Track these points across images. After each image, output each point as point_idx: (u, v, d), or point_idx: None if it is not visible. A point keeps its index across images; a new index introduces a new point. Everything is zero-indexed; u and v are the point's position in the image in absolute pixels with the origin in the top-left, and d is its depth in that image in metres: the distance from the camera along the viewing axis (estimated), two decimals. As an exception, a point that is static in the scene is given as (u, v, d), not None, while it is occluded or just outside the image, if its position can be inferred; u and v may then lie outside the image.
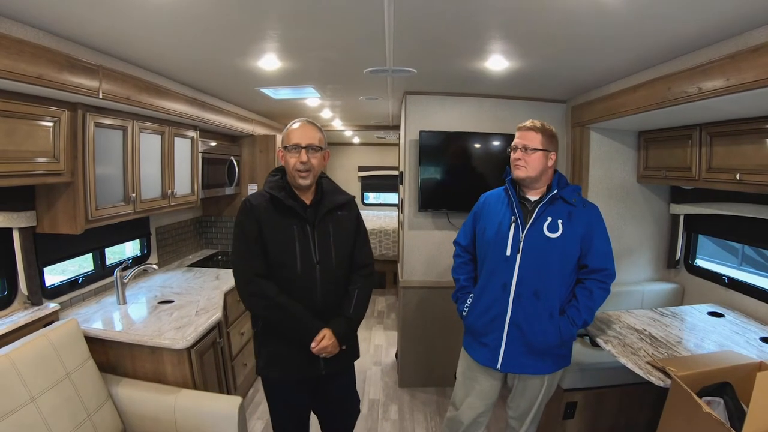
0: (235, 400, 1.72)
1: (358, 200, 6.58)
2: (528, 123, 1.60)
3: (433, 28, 1.55)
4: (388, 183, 6.46)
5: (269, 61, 2.00)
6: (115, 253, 2.76)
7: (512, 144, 1.61)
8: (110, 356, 1.88)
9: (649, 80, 1.89)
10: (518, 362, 1.58)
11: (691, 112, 1.89)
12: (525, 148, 1.56)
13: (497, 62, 1.91)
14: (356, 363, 1.70)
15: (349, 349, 1.59)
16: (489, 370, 1.64)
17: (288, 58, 1.97)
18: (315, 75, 2.32)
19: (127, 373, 1.87)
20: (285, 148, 1.51)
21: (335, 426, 1.74)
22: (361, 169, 6.51)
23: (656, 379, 1.44)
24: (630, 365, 1.55)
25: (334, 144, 6.33)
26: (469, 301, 1.69)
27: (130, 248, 2.92)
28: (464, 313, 1.70)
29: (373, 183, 6.63)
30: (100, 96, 1.78)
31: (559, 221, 1.54)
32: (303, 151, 1.48)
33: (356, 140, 6.23)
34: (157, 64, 2.05)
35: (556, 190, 1.56)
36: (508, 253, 1.56)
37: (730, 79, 1.47)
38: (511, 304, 1.56)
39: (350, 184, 6.38)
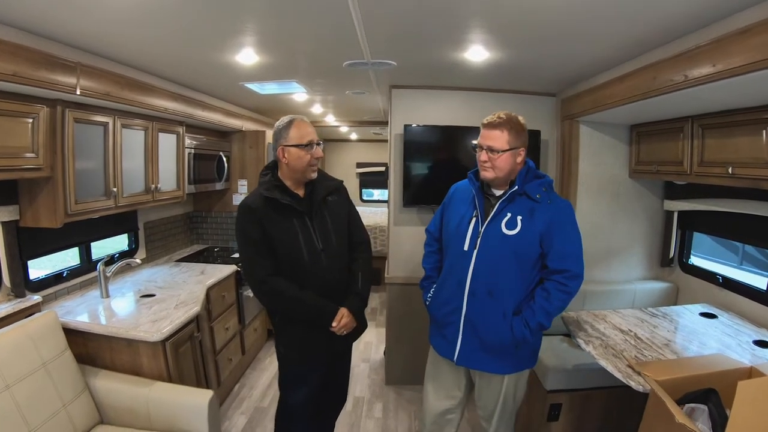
0: (206, 394, 1.72)
1: (356, 197, 6.55)
2: (493, 118, 1.47)
3: (404, 18, 1.51)
4: (385, 179, 6.42)
5: (247, 56, 1.98)
6: (102, 248, 2.78)
7: (477, 141, 1.51)
8: (90, 348, 1.89)
9: (636, 69, 1.82)
10: (473, 357, 1.53)
11: (680, 103, 1.81)
12: (491, 150, 1.46)
13: (477, 53, 1.86)
14: None
15: (360, 321, 1.71)
16: (450, 362, 1.60)
17: (265, 52, 1.94)
18: (295, 69, 2.29)
19: (106, 365, 1.88)
20: (297, 146, 1.55)
21: (326, 410, 1.87)
22: (359, 165, 6.48)
23: (636, 383, 1.38)
24: (609, 368, 1.48)
25: (331, 140, 6.30)
26: (432, 290, 1.66)
27: (118, 243, 2.93)
28: (427, 303, 1.68)
29: (372, 179, 6.59)
30: (78, 93, 1.79)
31: (519, 218, 1.47)
32: (317, 146, 1.58)
33: (353, 136, 6.19)
34: (137, 60, 2.05)
35: (516, 187, 1.48)
36: (466, 248, 1.51)
37: (717, 65, 1.39)
38: (466, 300, 1.51)
39: (349, 181, 6.36)
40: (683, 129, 2.04)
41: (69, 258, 2.54)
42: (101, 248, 2.74)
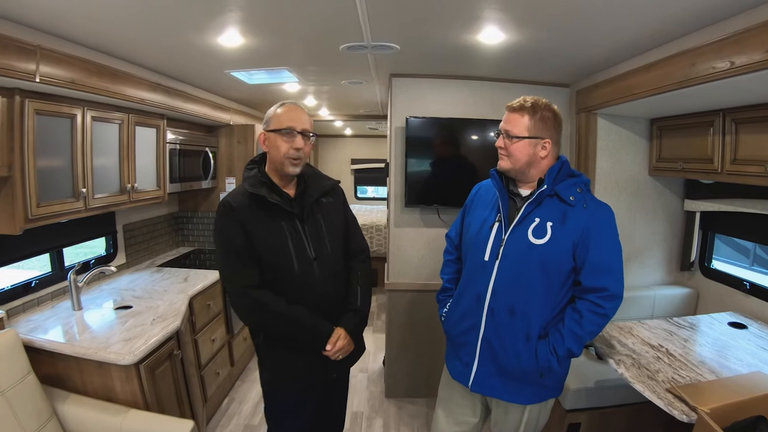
0: (185, 425, 1.53)
1: (350, 195, 6.35)
2: (516, 102, 1.30)
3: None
4: (381, 176, 6.23)
5: (231, 37, 1.76)
6: (77, 253, 2.54)
7: (499, 126, 1.33)
8: (58, 369, 1.69)
9: (668, 56, 1.63)
10: (489, 384, 1.33)
11: (715, 95, 1.64)
12: (507, 135, 1.28)
13: (492, 35, 1.65)
14: None
15: (358, 343, 1.50)
16: (464, 387, 1.40)
17: (251, 33, 1.72)
18: (286, 54, 2.07)
19: (77, 389, 1.68)
20: (275, 131, 1.34)
21: None
22: (354, 162, 6.26)
23: (679, 412, 1.21)
24: (647, 394, 1.31)
25: (324, 136, 6.07)
26: (449, 305, 1.47)
27: (94, 247, 2.69)
28: (443, 319, 1.48)
29: (367, 176, 6.39)
30: (38, 80, 1.57)
31: (549, 224, 1.25)
32: (299, 136, 1.34)
33: (348, 132, 5.97)
34: (108, 44, 1.82)
35: (545, 186, 1.26)
36: (486, 257, 1.31)
37: (773, 50, 1.21)
38: (485, 318, 1.31)
39: (343, 178, 6.16)
40: (713, 124, 1.87)
41: (42, 265, 2.31)
42: (77, 253, 2.52)
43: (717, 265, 2.36)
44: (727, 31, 1.37)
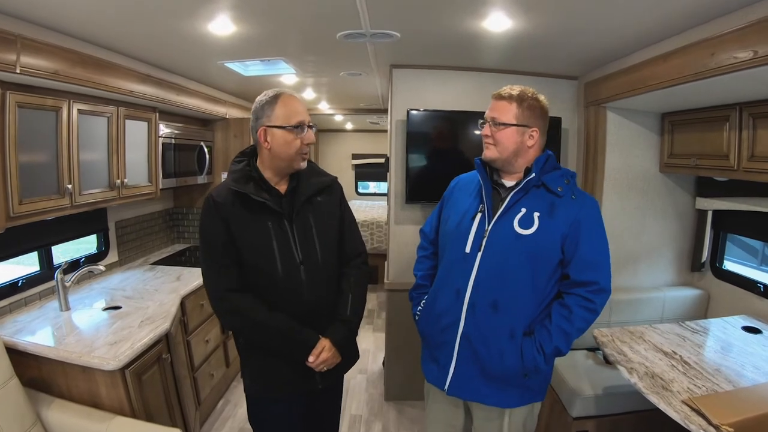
0: None
1: (351, 191, 6.26)
2: (503, 90, 1.25)
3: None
4: (383, 171, 6.14)
5: (222, 24, 1.67)
6: (68, 250, 2.47)
7: (484, 116, 1.28)
8: (43, 372, 1.62)
9: (685, 46, 1.54)
10: (469, 387, 1.25)
11: (734, 87, 1.56)
12: (494, 122, 1.23)
13: (498, 21, 1.56)
14: None
15: (347, 353, 1.38)
16: (441, 392, 1.32)
17: (244, 20, 1.63)
18: (281, 43, 1.97)
19: (62, 393, 1.61)
20: (283, 127, 1.24)
21: None
22: (355, 156, 6.17)
23: (696, 427, 1.13)
24: (662, 406, 1.23)
25: (325, 130, 5.97)
26: (423, 302, 1.39)
27: (85, 245, 2.61)
28: (416, 317, 1.40)
29: (368, 171, 6.30)
30: (18, 71, 1.49)
31: (536, 214, 1.19)
32: (308, 129, 1.27)
33: (349, 126, 5.87)
34: (93, 33, 1.74)
35: (533, 174, 1.22)
36: (468, 249, 1.23)
37: (803, 37, 1.12)
38: (464, 314, 1.23)
39: (344, 173, 6.08)
40: (729, 118, 1.78)
41: (32, 264, 2.24)
42: (76, 249, 2.44)
43: (729, 265, 2.27)
44: (750, 18, 1.28)
